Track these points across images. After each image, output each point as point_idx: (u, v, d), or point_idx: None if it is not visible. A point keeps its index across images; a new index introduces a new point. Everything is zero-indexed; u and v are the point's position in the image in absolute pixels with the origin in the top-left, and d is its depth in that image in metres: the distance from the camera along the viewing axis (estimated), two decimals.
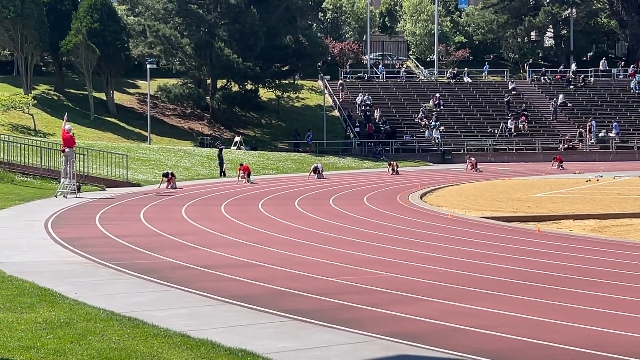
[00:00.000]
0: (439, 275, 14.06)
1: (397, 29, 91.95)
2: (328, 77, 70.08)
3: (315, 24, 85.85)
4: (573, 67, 79.21)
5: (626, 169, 52.61)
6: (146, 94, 62.12)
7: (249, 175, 40.87)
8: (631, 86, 75.21)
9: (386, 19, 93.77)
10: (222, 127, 65.75)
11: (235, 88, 67.17)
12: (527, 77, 77.94)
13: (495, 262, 15.66)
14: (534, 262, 15.75)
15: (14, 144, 36.42)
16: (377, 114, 67.56)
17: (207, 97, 65.83)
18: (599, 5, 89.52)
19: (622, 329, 10.09)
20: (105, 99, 63.77)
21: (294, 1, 67.44)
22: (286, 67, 69.10)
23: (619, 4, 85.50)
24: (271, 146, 62.89)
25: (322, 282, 13.29)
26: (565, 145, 65.03)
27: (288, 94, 70.80)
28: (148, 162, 46.40)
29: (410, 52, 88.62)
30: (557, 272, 14.48)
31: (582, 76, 76.87)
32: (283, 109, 70.55)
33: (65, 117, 32.08)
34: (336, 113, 69.66)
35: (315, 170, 45.22)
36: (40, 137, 50.58)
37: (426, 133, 65.28)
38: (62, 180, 30.08)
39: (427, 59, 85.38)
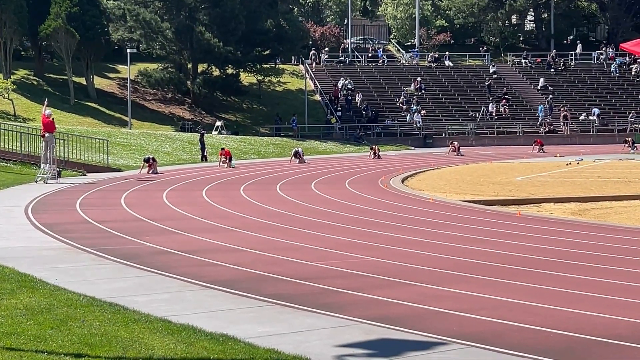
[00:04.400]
0: (420, 259, 14.10)
1: (378, 13, 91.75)
2: (309, 61, 69.87)
3: (296, 8, 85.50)
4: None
5: (606, 152, 52.87)
6: (126, 79, 61.75)
7: (230, 159, 40.80)
8: (611, 69, 75.44)
9: (367, 2, 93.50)
10: (203, 112, 65.49)
11: (216, 72, 66.89)
12: (486, 57, 77.63)
13: (476, 246, 15.71)
14: (515, 246, 15.82)
15: None
16: (358, 98, 67.51)
17: (188, 82, 65.56)
18: None
19: (602, 311, 10.15)
20: (85, 83, 63.33)
21: None
22: (267, 52, 68.87)
23: None
24: (253, 131, 62.73)
25: (303, 267, 13.30)
26: (546, 129, 65.23)
27: (269, 78, 70.56)
28: (129, 147, 46.21)
29: (392, 36, 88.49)
30: (538, 255, 14.55)
31: (563, 59, 77.04)
32: (264, 93, 70.34)
33: (45, 102, 31.89)
34: (317, 97, 69.54)
35: (296, 154, 45.17)
36: (20, 122, 50.19)
37: (407, 117, 65.30)
38: (42, 165, 29.90)
39: (408, 43, 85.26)
